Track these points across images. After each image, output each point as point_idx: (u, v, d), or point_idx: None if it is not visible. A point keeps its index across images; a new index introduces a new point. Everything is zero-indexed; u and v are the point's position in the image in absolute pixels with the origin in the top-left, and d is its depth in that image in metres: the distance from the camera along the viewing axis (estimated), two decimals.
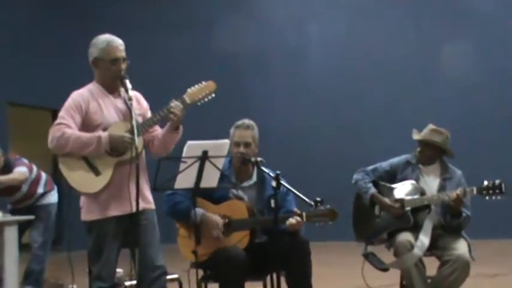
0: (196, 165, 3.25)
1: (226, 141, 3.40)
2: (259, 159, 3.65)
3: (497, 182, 3.78)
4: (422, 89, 8.82)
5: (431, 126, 4.14)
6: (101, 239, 3.39)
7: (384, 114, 8.97)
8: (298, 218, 3.57)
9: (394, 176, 4.22)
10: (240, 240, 3.66)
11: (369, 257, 4.16)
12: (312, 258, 3.68)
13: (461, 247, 3.89)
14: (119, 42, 3.47)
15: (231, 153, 3.68)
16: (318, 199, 3.32)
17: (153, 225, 3.51)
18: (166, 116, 3.39)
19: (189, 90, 3.49)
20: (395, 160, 4.27)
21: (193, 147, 3.26)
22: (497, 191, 3.76)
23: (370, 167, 4.29)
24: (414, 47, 8.93)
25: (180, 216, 3.78)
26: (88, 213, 3.41)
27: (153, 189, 3.36)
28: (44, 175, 5.57)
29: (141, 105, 3.55)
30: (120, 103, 3.49)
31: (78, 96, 3.42)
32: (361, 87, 9.04)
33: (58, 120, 3.35)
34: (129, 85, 3.40)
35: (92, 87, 3.50)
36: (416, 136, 4.14)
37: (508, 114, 8.53)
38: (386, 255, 4.15)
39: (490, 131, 8.49)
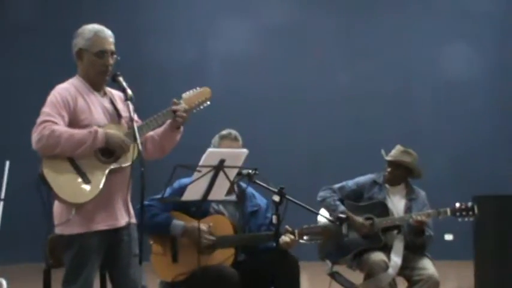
0: (209, 175, 2.96)
1: (245, 150, 3.14)
2: (251, 171, 3.36)
3: (469, 204, 3.94)
4: (322, 110, 8.95)
5: (400, 147, 4.20)
6: (83, 257, 2.96)
7: (282, 135, 8.98)
8: (292, 236, 3.42)
9: (360, 195, 4.21)
10: (226, 258, 3.41)
11: (335, 276, 4.10)
12: None
13: (430, 266, 3.97)
14: (108, 33, 3.08)
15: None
16: (343, 216, 3.19)
17: (135, 241, 3.16)
18: (167, 119, 3.11)
19: (184, 95, 3.21)
20: (361, 179, 4.28)
21: (212, 155, 2.96)
22: (470, 212, 3.92)
23: (337, 185, 4.25)
24: (315, 69, 9.07)
25: (158, 230, 3.45)
26: (68, 225, 2.97)
27: (160, 200, 3.01)
28: None
29: (127, 107, 3.19)
30: (106, 103, 3.11)
31: (64, 91, 2.97)
32: (260, 108, 8.99)
33: (43, 117, 2.86)
34: (124, 83, 3.05)
35: (75, 81, 3.06)
36: (387, 157, 4.18)
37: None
38: (349, 275, 4.12)
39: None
